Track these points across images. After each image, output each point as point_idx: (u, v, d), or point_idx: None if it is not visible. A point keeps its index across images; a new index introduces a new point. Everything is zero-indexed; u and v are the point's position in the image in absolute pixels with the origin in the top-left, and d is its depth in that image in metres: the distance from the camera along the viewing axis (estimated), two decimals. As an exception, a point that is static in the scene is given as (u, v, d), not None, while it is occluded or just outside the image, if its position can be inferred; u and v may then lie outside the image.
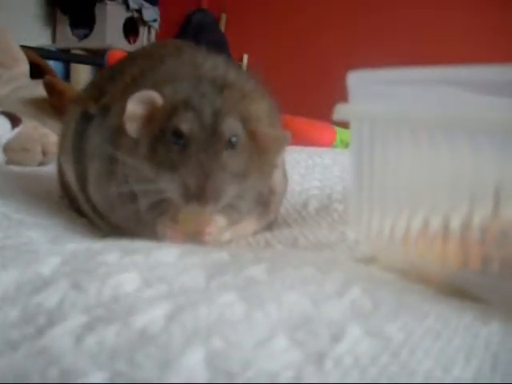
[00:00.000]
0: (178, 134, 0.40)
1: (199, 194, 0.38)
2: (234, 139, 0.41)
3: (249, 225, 0.49)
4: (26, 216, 0.49)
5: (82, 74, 2.21)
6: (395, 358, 0.24)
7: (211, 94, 0.41)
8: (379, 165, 0.39)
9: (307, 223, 0.57)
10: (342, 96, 0.41)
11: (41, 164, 0.83)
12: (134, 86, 0.45)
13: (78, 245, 0.35)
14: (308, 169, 0.87)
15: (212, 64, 0.45)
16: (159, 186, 0.40)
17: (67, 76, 2.27)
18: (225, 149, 0.40)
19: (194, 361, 0.21)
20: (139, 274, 0.30)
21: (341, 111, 0.41)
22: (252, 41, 2.69)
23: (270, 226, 0.53)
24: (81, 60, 2.20)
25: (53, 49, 2.43)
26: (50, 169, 0.78)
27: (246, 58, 2.74)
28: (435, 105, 0.34)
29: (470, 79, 0.32)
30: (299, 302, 0.27)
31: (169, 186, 0.40)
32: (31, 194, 0.60)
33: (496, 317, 0.30)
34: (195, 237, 0.42)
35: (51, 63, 1.62)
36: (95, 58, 2.28)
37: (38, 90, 0.98)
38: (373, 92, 0.39)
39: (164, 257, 0.33)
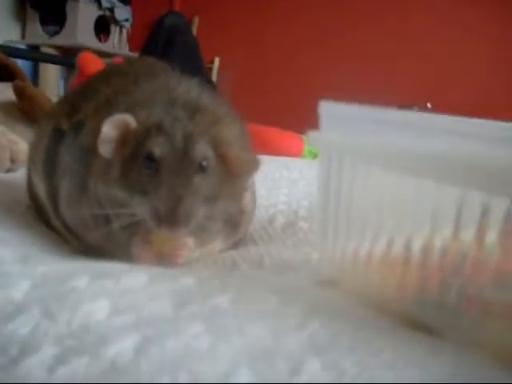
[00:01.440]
0: (150, 158, 0.41)
1: (170, 218, 0.39)
2: (204, 163, 0.42)
3: (217, 244, 0.50)
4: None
5: (51, 73, 2.18)
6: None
7: (183, 118, 0.42)
8: (345, 189, 0.41)
9: (273, 241, 0.58)
10: (312, 101, 0.43)
11: (8, 171, 0.83)
12: (108, 106, 0.46)
13: (48, 267, 0.36)
14: (275, 182, 0.88)
15: (185, 88, 0.46)
16: (131, 209, 0.41)
17: (35, 75, 2.24)
18: (196, 173, 0.42)
19: (161, 396, 0.22)
20: (109, 300, 0.31)
21: (312, 139, 0.43)
22: (224, 44, 2.71)
23: (237, 244, 0.54)
24: (51, 60, 2.17)
25: (22, 45, 2.40)
26: (18, 175, 0.78)
27: (217, 60, 2.75)
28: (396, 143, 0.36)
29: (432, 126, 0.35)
30: (261, 335, 0.29)
31: (140, 210, 0.41)
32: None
33: (448, 349, 0.32)
34: (167, 258, 0.44)
35: (19, 61, 1.61)
36: (65, 57, 2.25)
37: (7, 93, 0.97)
38: (341, 124, 0.41)
39: (133, 282, 0.34)
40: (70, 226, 0.48)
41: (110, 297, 0.31)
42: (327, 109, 0.42)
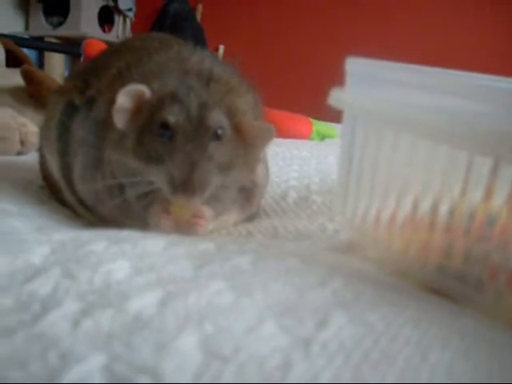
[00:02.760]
0: (165, 126, 0.41)
1: (185, 185, 0.39)
2: (219, 131, 0.42)
3: (231, 216, 0.50)
4: (7, 204, 0.49)
5: (56, 63, 2.18)
6: (377, 344, 0.25)
7: (198, 87, 0.42)
8: (370, 151, 0.40)
9: (287, 214, 0.58)
10: (320, 88, 0.42)
11: (19, 153, 0.83)
12: (121, 79, 0.45)
13: (65, 234, 0.36)
14: (286, 160, 0.88)
15: (198, 58, 0.46)
16: (147, 178, 0.41)
17: (41, 65, 2.24)
18: (211, 140, 0.41)
19: (188, 344, 0.22)
20: (129, 262, 0.30)
21: (336, 98, 0.42)
22: (228, 31, 2.70)
23: (251, 218, 0.54)
24: (55, 49, 2.17)
25: (26, 36, 2.40)
26: (29, 158, 0.78)
27: (222, 48, 2.74)
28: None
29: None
30: (284, 291, 0.28)
31: (156, 178, 0.40)
32: (11, 184, 0.60)
33: (471, 314, 0.31)
34: (185, 226, 0.43)
35: (24, 51, 1.61)
36: (70, 46, 2.25)
37: (15, 78, 0.97)
38: (368, 82, 0.40)
39: (151, 246, 0.34)
40: (85, 200, 0.48)
41: (129, 259, 0.31)
42: (354, 65, 0.41)
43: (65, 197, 0.53)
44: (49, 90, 0.93)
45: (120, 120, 0.42)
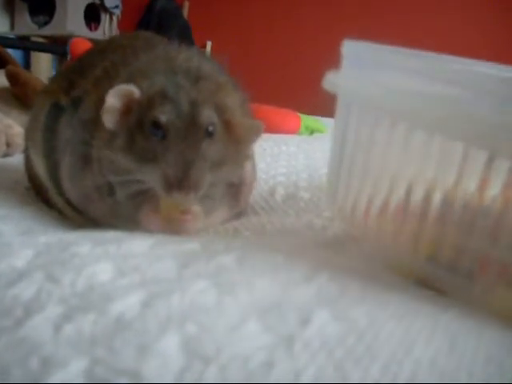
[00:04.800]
0: (156, 126, 0.40)
1: (181, 184, 0.39)
2: (211, 128, 0.42)
3: (220, 214, 0.50)
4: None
5: (43, 63, 2.17)
6: (360, 340, 0.25)
7: (187, 85, 0.42)
8: (364, 137, 0.40)
9: (274, 211, 0.58)
10: (308, 84, 0.42)
11: (5, 155, 0.82)
12: (108, 78, 0.45)
13: (51, 237, 0.36)
14: (274, 156, 0.88)
15: (185, 56, 0.46)
16: (139, 177, 0.41)
17: (27, 65, 2.23)
18: (203, 138, 0.41)
19: (169, 345, 0.22)
20: (112, 263, 0.30)
21: (331, 82, 0.42)
22: (215, 28, 2.69)
23: (238, 215, 0.54)
24: (41, 48, 2.16)
25: (11, 36, 2.38)
26: (15, 160, 0.77)
27: (209, 45, 2.73)
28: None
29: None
30: (269, 288, 0.28)
31: (150, 177, 0.40)
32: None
33: (455, 306, 0.31)
34: (176, 224, 0.43)
35: (10, 51, 1.60)
36: (56, 45, 2.24)
37: (0, 79, 0.97)
38: (364, 66, 0.40)
39: (136, 247, 0.34)
40: (73, 201, 0.48)
41: (113, 260, 0.31)
42: (351, 48, 0.41)
43: (51, 198, 0.53)
44: (34, 90, 0.93)
45: (109, 120, 0.42)
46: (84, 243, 0.34)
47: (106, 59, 0.49)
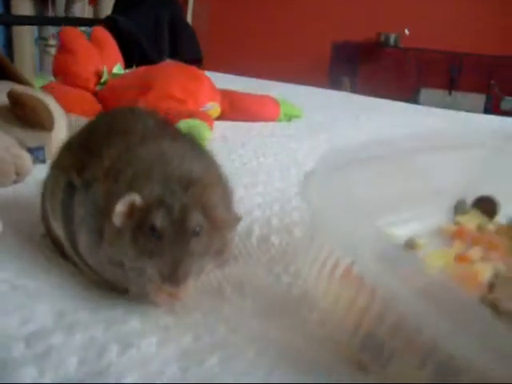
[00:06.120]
0: (153, 229, 0.52)
1: (172, 279, 0.51)
2: (197, 229, 0.53)
3: (207, 269, 0.61)
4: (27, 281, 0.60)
5: (26, 51, 2.18)
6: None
7: (179, 192, 0.53)
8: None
9: (251, 257, 0.70)
10: (284, 42, 0.52)
11: (14, 182, 0.90)
12: (115, 173, 0.56)
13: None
14: (252, 176, 1.01)
15: (179, 159, 0.57)
16: (141, 267, 0.53)
17: (10, 52, 2.22)
18: (191, 238, 0.53)
19: None
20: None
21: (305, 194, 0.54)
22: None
23: (222, 264, 0.65)
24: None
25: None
26: (25, 191, 0.87)
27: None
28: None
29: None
30: None
31: (149, 269, 0.52)
32: (14, 232, 0.71)
33: None
34: (173, 297, 0.55)
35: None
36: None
37: (1, 97, 1.04)
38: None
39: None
40: (90, 265, 0.60)
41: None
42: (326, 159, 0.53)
43: (68, 252, 0.64)
44: (33, 111, 1.02)
45: (117, 220, 0.53)
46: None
47: (110, 146, 0.60)
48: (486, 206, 0.79)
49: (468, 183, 0.78)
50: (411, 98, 3.32)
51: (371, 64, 3.62)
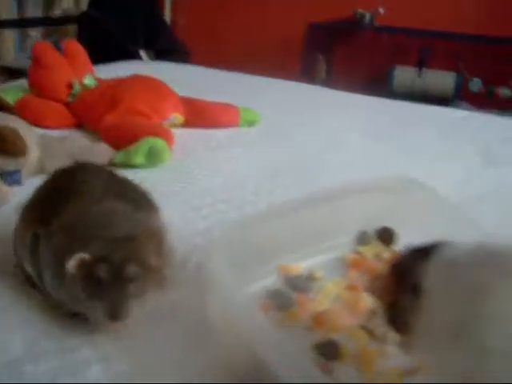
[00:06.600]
0: (98, 279, 0.68)
1: (113, 318, 0.68)
2: (134, 277, 0.69)
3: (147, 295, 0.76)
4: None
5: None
6: None
7: (119, 249, 0.69)
8: None
9: (187, 286, 0.85)
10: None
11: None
12: (70, 229, 0.72)
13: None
14: (200, 198, 1.16)
15: (120, 220, 0.73)
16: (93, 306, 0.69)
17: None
18: (129, 285, 0.68)
19: None
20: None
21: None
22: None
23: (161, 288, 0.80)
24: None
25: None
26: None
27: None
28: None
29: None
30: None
31: (98, 309, 0.68)
32: None
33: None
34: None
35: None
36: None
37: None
38: None
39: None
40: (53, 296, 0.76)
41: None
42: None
43: (35, 282, 0.80)
44: (6, 142, 1.17)
45: (71, 271, 0.68)
46: None
47: (69, 204, 0.76)
48: (384, 235, 0.95)
49: (370, 219, 0.94)
50: (384, 76, 3.41)
51: (346, 43, 3.68)
